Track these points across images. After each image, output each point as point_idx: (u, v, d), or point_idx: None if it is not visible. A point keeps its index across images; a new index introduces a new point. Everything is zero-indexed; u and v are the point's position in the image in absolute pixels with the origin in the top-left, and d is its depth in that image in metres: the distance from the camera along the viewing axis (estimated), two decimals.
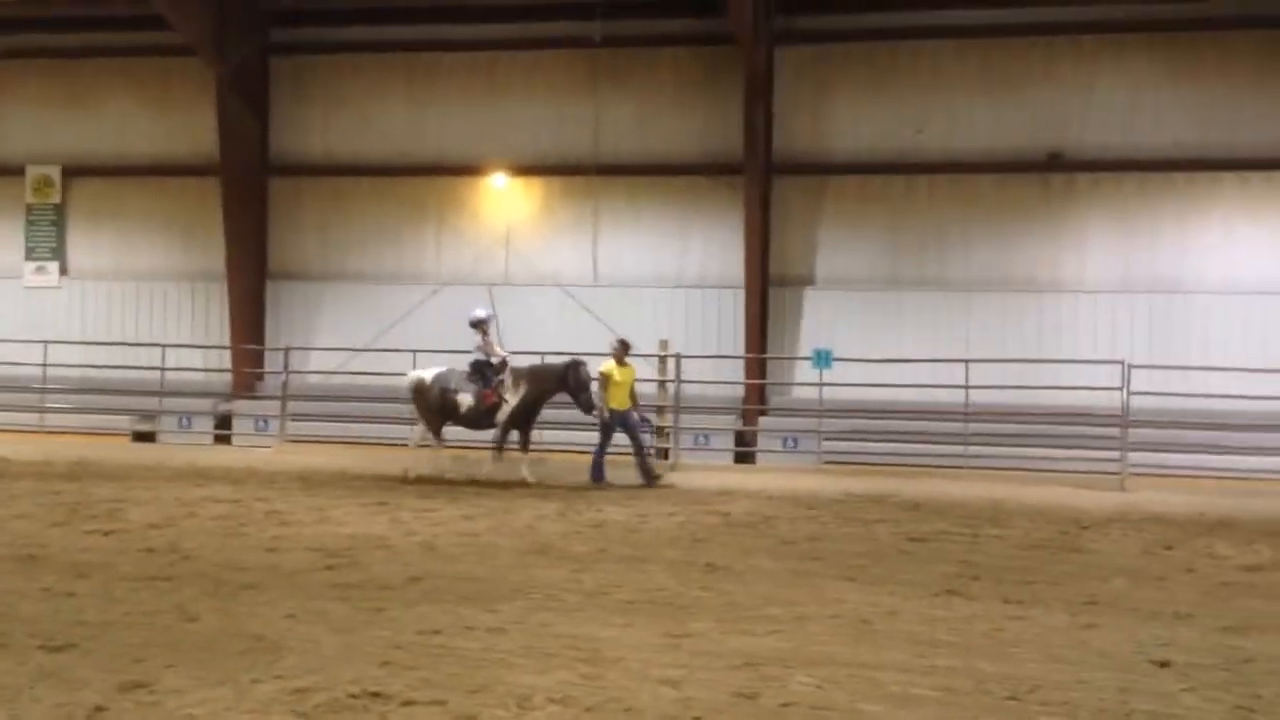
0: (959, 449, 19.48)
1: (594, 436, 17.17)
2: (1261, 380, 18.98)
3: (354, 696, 6.01)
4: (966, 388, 19.46)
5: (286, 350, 22.83)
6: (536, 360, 17.96)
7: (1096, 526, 13.38)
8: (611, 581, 9.30)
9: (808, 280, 22.71)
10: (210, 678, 6.28)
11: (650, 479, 16.57)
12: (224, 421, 23.34)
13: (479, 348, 16.85)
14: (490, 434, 17.05)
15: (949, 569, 10.32)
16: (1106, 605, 8.86)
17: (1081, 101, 21.54)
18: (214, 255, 24.21)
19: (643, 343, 21.52)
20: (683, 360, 20.13)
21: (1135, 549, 11.88)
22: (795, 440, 20.98)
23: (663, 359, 20.00)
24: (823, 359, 19.49)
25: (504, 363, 16.78)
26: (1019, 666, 6.91)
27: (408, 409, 18.55)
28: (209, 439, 22.83)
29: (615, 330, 22.32)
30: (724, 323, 22.59)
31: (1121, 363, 18.00)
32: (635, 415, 16.94)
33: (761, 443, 21.41)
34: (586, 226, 23.42)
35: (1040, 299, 21.74)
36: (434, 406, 16.85)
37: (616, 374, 16.69)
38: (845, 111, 22.38)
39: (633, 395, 16.90)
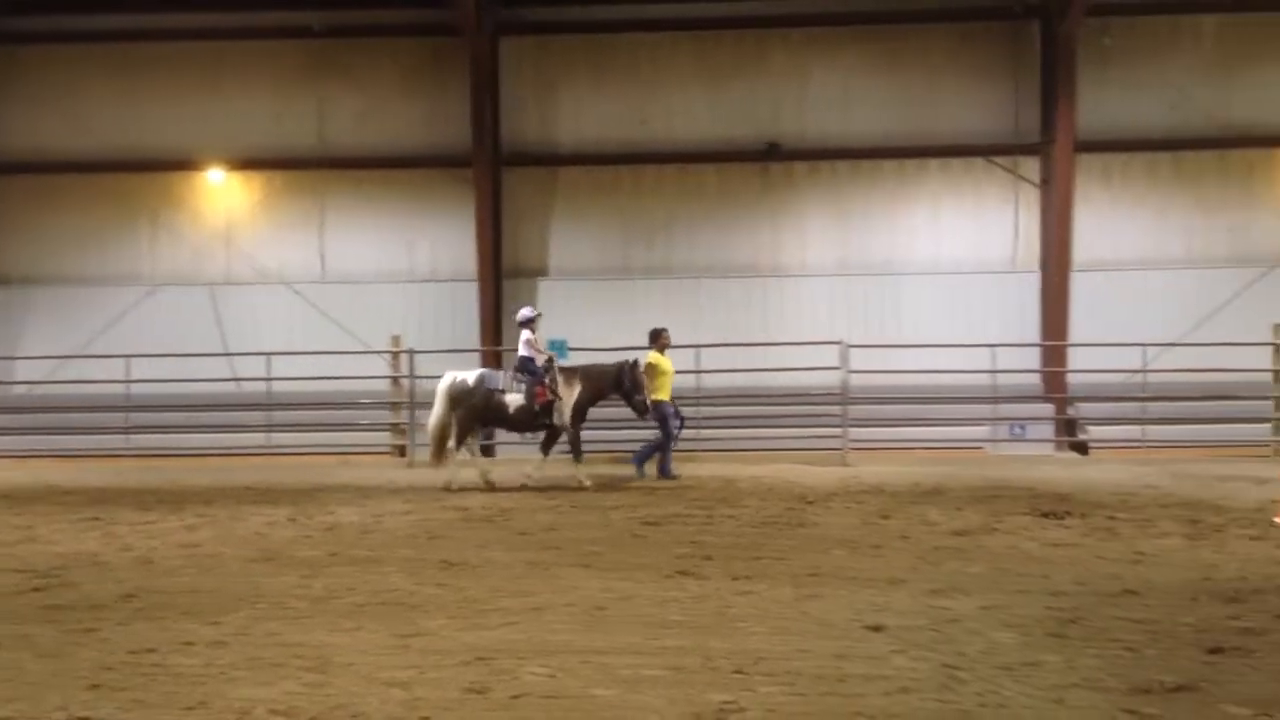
0: (692, 432, 19.91)
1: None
2: (965, 355, 20.22)
3: None
4: (698, 372, 19.95)
5: None
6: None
7: (820, 501, 13.90)
8: (343, 585, 9.05)
9: (541, 271, 22.80)
10: None
11: (667, 473, 16.35)
12: None
13: (527, 343, 15.92)
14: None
15: (682, 550, 10.50)
16: (828, 576, 9.20)
17: (796, 92, 22.40)
18: None
19: (375, 339, 21.26)
20: (417, 356, 19.84)
21: (855, 520, 12.39)
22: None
23: (395, 355, 19.67)
24: (557, 349, 19.52)
25: (550, 361, 16.01)
26: (745, 641, 7.10)
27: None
28: None
29: (345, 327, 21.99)
30: (459, 316, 22.45)
31: (840, 343, 18.80)
32: (672, 408, 16.66)
33: (501, 434, 21.30)
34: (313, 222, 22.85)
35: (765, 283, 22.51)
36: (478, 410, 15.76)
37: (663, 364, 16.48)
38: (571, 103, 22.57)
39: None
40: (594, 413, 16.17)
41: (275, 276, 22.62)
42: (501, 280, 22.40)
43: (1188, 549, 10.27)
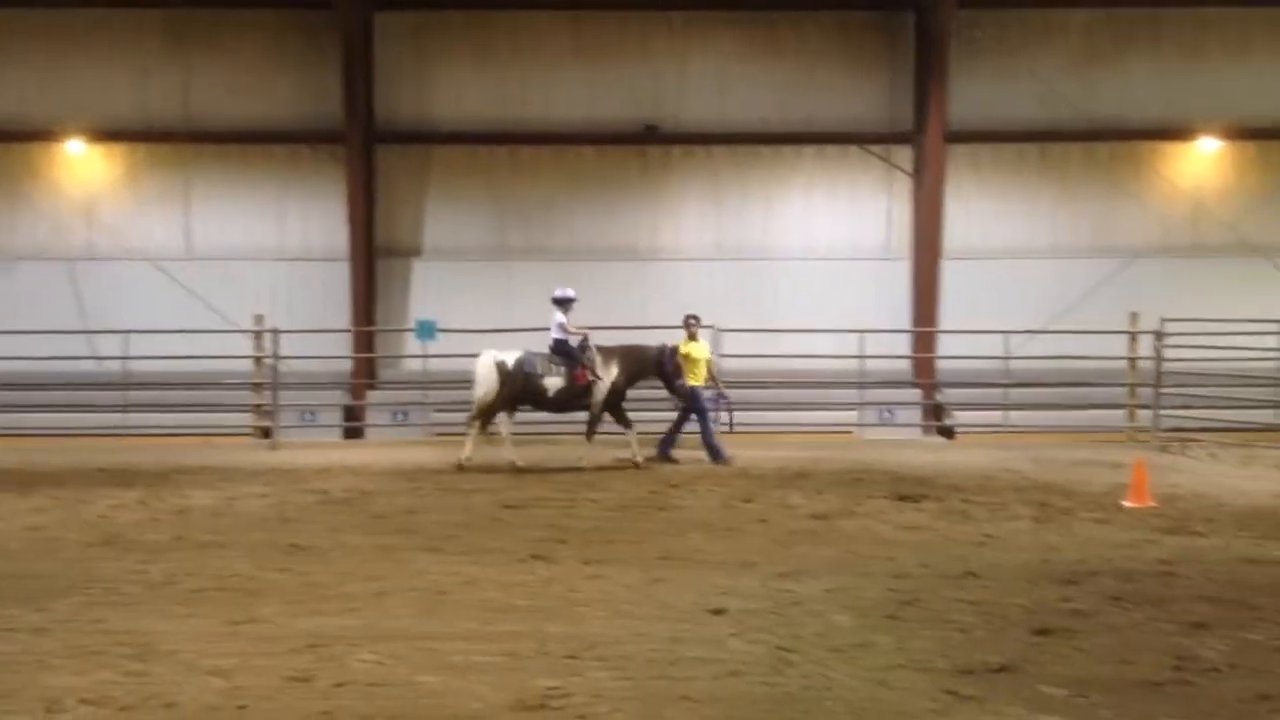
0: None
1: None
2: (838, 339, 20.40)
3: None
4: None
5: None
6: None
7: (686, 484, 13.89)
8: (182, 570, 8.84)
9: (415, 251, 22.47)
10: None
11: (720, 458, 16.14)
12: None
13: (560, 326, 15.67)
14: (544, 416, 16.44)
15: (538, 534, 10.44)
16: (680, 559, 9.22)
17: (676, 75, 22.33)
18: None
19: (243, 318, 20.73)
20: (285, 335, 19.37)
21: (717, 504, 12.44)
22: (405, 413, 20.77)
23: (258, 334, 19.21)
24: (426, 330, 19.31)
25: (585, 340, 15.74)
26: (584, 625, 7.07)
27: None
28: None
29: (212, 306, 21.45)
30: (330, 296, 22.00)
31: (711, 327, 18.81)
32: (708, 393, 16.65)
33: (371, 417, 21.05)
34: (178, 197, 22.21)
35: (642, 266, 22.43)
36: (516, 391, 15.51)
37: (695, 351, 16.39)
38: (447, 81, 22.22)
39: (710, 372, 16.61)
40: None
41: (138, 253, 21.91)
42: (374, 260, 22.00)
43: (1033, 532, 10.50)
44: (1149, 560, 9.04)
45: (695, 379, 16.35)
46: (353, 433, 20.83)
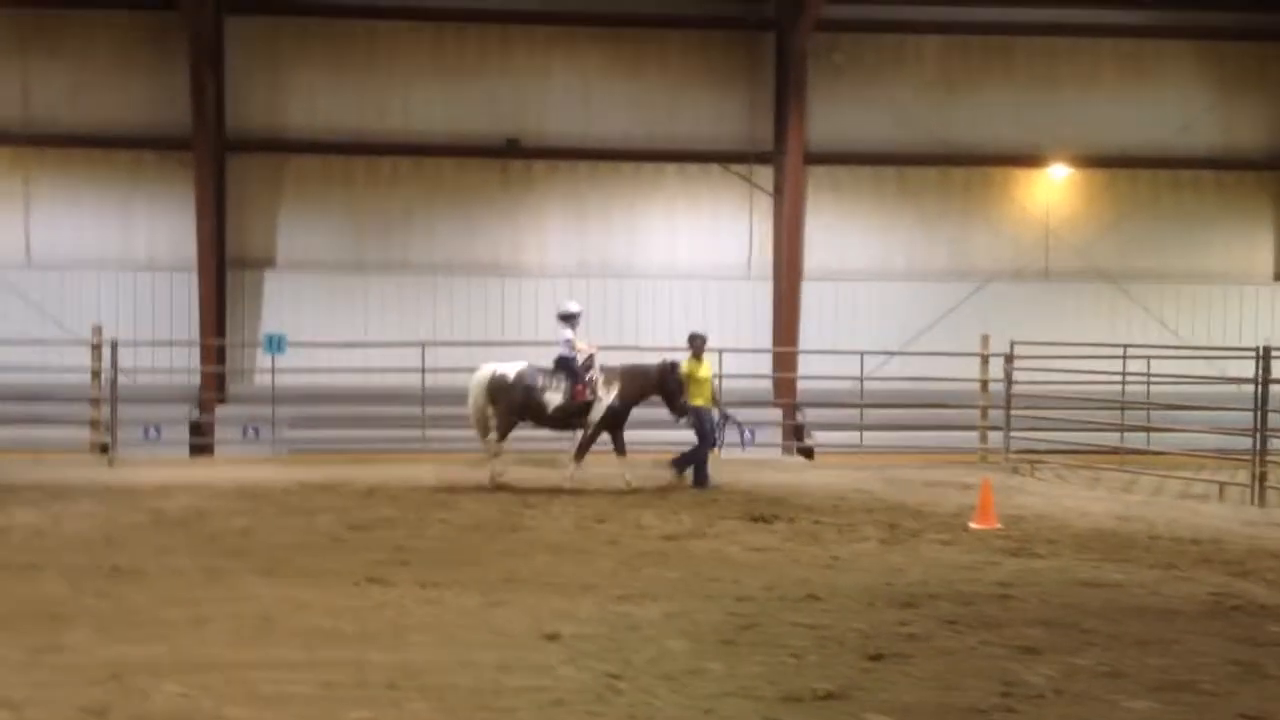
0: (417, 433, 19.43)
1: None
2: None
3: None
4: (423, 371, 19.46)
5: None
6: None
7: (540, 504, 13.67)
8: None
9: (268, 262, 21.83)
10: None
11: (700, 479, 15.76)
12: None
13: (566, 343, 15.25)
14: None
15: (380, 556, 10.13)
16: (523, 582, 9.00)
17: (538, 90, 22.10)
18: None
19: (85, 330, 19.91)
20: (128, 347, 18.66)
21: (570, 524, 12.25)
22: (256, 429, 20.15)
23: (95, 347, 18.43)
24: (274, 344, 18.77)
25: (590, 359, 15.26)
26: (411, 653, 6.81)
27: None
28: None
29: (54, 318, 20.57)
30: (178, 307, 21.24)
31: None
32: (714, 414, 16.15)
33: (220, 433, 20.36)
34: (16, 202, 21.26)
35: (503, 282, 22.12)
36: (516, 405, 15.19)
37: (699, 371, 15.90)
38: (304, 89, 21.65)
39: (713, 393, 16.17)
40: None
41: None
42: (225, 271, 21.30)
43: (879, 554, 10.51)
44: (988, 583, 9.09)
45: (699, 399, 16.00)
46: (200, 449, 20.12)
